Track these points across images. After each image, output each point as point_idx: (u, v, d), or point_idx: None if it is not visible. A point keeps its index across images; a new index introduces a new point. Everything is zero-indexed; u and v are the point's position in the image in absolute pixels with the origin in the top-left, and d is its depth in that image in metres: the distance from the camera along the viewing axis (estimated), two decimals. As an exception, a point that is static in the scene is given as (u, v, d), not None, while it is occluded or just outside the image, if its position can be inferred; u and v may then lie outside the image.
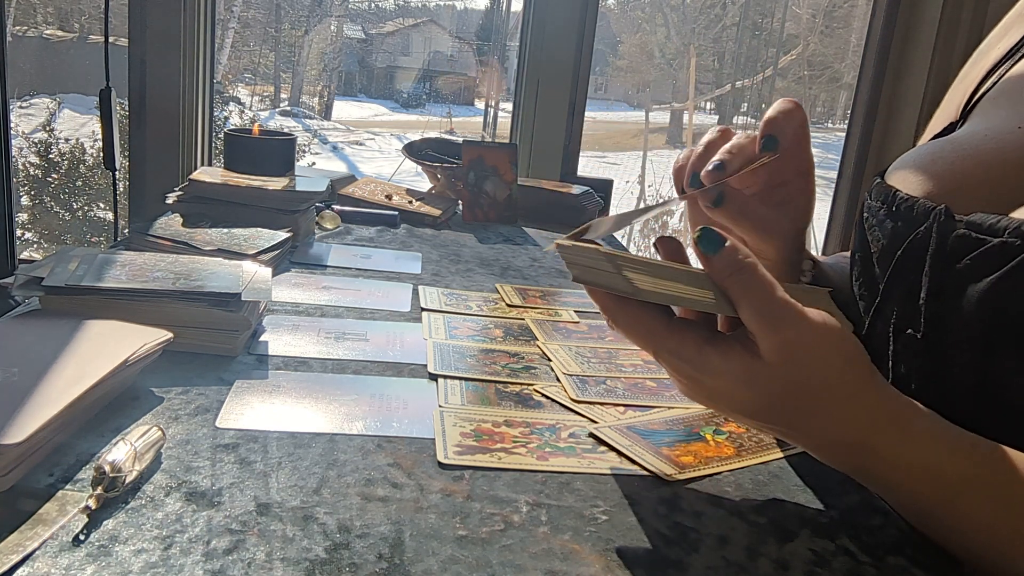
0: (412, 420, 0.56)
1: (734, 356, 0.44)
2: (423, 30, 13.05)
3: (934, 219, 0.51)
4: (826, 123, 11.34)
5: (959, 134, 0.59)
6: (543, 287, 0.96)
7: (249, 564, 0.39)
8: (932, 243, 0.51)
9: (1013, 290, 0.46)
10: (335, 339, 0.70)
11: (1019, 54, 0.60)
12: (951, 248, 0.50)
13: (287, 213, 0.99)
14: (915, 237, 0.53)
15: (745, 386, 0.45)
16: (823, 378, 0.45)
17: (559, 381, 0.66)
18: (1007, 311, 0.46)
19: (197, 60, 1.55)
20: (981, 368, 0.48)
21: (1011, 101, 0.57)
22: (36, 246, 5.76)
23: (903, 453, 0.45)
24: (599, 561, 0.42)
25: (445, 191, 1.42)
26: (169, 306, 0.63)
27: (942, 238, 0.50)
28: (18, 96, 7.76)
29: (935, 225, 0.51)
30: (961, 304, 0.49)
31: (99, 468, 0.43)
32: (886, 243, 0.56)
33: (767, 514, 0.49)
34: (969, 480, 0.44)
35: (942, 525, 0.46)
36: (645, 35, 10.88)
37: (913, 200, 0.54)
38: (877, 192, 0.59)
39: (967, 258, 0.49)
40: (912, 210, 0.54)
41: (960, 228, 0.50)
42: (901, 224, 0.55)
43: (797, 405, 0.45)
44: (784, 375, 0.44)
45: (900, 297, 0.54)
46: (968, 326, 0.48)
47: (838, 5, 9.88)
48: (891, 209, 0.56)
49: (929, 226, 0.52)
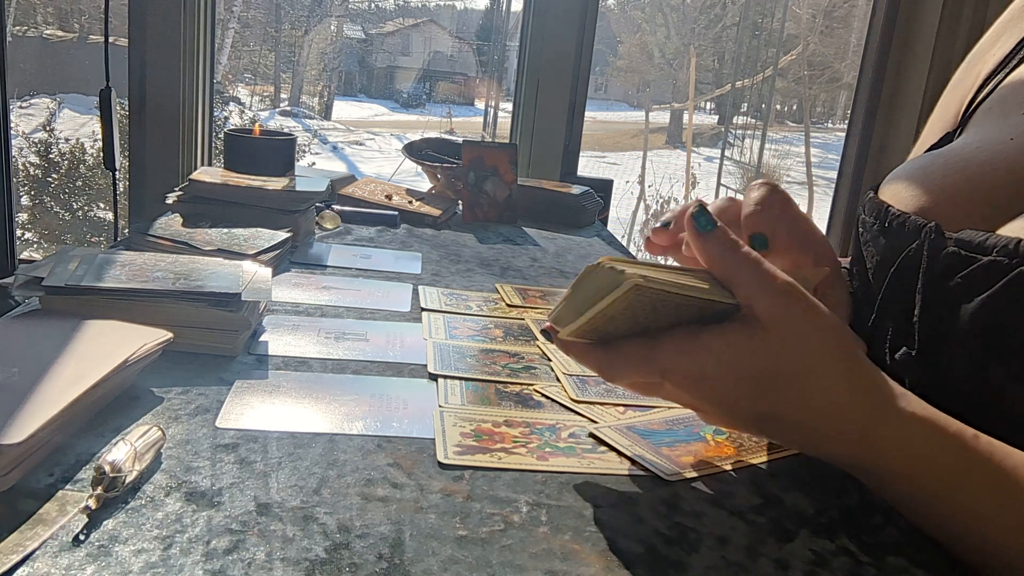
0: (412, 420, 0.56)
1: (731, 331, 0.44)
2: (423, 30, 13.06)
3: (925, 236, 0.52)
4: (826, 123, 11.34)
5: (952, 147, 0.59)
6: (543, 287, 0.96)
7: (249, 564, 0.39)
8: (924, 261, 0.51)
9: (1004, 307, 0.46)
10: (335, 339, 0.70)
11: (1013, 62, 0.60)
12: (943, 266, 0.50)
13: (287, 213, 0.99)
14: (908, 254, 0.53)
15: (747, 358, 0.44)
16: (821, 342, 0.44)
17: (559, 381, 0.66)
18: (1000, 327, 0.47)
19: (197, 60, 1.55)
20: (977, 380, 0.48)
21: (1004, 111, 0.57)
22: (36, 246, 5.77)
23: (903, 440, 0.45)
24: (599, 561, 0.42)
25: (445, 191, 1.42)
26: (169, 306, 0.63)
27: (933, 256, 0.51)
28: (18, 96, 7.76)
29: (926, 243, 0.51)
30: (955, 321, 0.49)
31: (99, 468, 0.43)
32: (880, 259, 0.56)
33: (767, 514, 0.49)
34: (970, 473, 0.44)
35: (941, 519, 0.46)
36: (645, 35, 10.88)
37: (904, 216, 0.54)
38: (870, 207, 0.59)
39: (958, 276, 0.49)
40: (904, 226, 0.54)
41: (950, 246, 0.50)
42: (894, 240, 0.55)
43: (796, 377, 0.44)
44: (781, 339, 0.44)
45: (896, 313, 0.54)
46: (963, 342, 0.49)
47: (838, 5, 9.88)
48: (884, 225, 0.56)
49: (920, 243, 0.52)
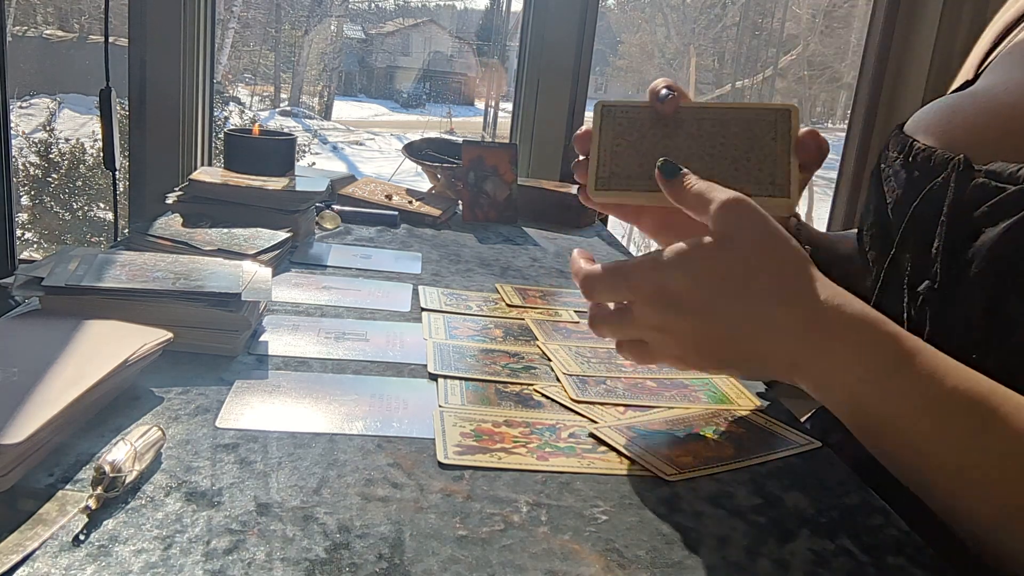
0: (412, 420, 0.56)
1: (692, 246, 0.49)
2: (423, 30, 13.04)
3: (952, 169, 0.51)
4: (826, 123, 11.32)
5: (977, 89, 0.59)
6: (543, 287, 0.96)
7: (249, 564, 0.39)
8: (950, 193, 0.51)
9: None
10: (335, 339, 0.70)
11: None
12: (969, 197, 0.49)
13: (287, 213, 0.99)
14: (932, 187, 0.52)
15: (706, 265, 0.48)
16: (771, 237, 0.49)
17: (559, 381, 0.66)
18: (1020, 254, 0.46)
19: (197, 60, 1.55)
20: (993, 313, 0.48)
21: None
22: (36, 246, 5.77)
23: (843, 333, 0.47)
24: (599, 561, 0.43)
25: (445, 191, 1.42)
26: (169, 306, 0.63)
27: (960, 188, 0.50)
28: (18, 96, 7.75)
29: (953, 175, 0.51)
30: (974, 252, 0.48)
31: (99, 468, 0.43)
32: (901, 192, 0.56)
33: (767, 514, 0.49)
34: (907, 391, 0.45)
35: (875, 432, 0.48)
36: (645, 35, 10.87)
37: (931, 150, 0.54)
38: (895, 142, 0.59)
39: (985, 206, 0.48)
40: (930, 160, 0.53)
41: (979, 177, 0.49)
42: (918, 174, 0.54)
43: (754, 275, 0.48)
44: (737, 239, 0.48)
45: (915, 248, 0.54)
46: (980, 273, 0.48)
47: (838, 5, 9.87)
48: (908, 159, 0.56)
49: (947, 176, 0.51)
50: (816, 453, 0.58)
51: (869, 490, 0.53)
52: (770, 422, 0.62)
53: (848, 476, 0.54)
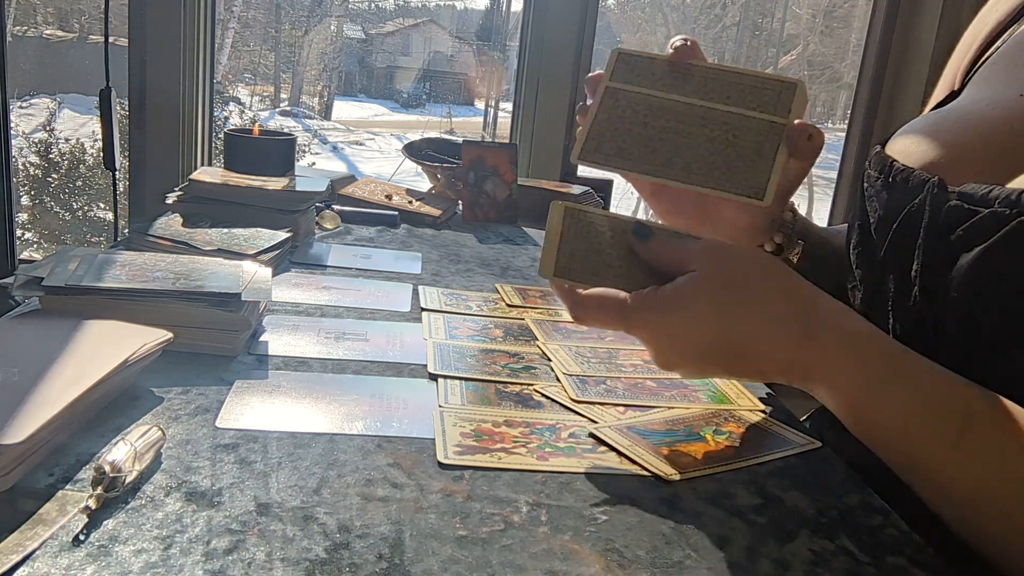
0: (412, 420, 0.56)
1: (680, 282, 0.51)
2: (423, 30, 13.04)
3: (928, 191, 0.51)
4: (826, 123, 11.32)
5: (961, 103, 0.59)
6: (543, 287, 0.96)
7: (249, 564, 0.39)
8: (926, 216, 0.51)
9: (1001, 259, 0.46)
10: (335, 339, 0.70)
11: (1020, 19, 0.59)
12: (944, 220, 0.50)
13: (287, 213, 0.99)
14: (911, 209, 0.52)
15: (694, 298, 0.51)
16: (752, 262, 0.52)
17: (559, 381, 0.66)
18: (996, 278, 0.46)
19: (197, 60, 1.55)
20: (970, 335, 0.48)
21: (1012, 67, 0.56)
22: (36, 246, 5.77)
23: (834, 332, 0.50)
24: (599, 561, 0.43)
25: (445, 191, 1.42)
26: (169, 306, 0.63)
27: (935, 210, 0.50)
28: (18, 96, 7.75)
29: (928, 197, 0.51)
30: (952, 275, 0.49)
31: (99, 468, 0.43)
32: (882, 214, 0.56)
33: (767, 514, 0.49)
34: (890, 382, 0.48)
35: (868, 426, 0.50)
36: (645, 35, 10.87)
37: (909, 171, 0.54)
38: (875, 161, 0.59)
39: (959, 229, 0.48)
40: (907, 181, 0.54)
41: (953, 199, 0.49)
42: (897, 195, 0.54)
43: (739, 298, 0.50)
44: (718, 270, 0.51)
45: (897, 270, 0.54)
46: (958, 296, 0.48)
47: (838, 5, 9.87)
48: (887, 180, 0.56)
49: (923, 198, 0.51)
50: (816, 453, 0.58)
51: (869, 490, 0.53)
52: (770, 422, 0.62)
53: (848, 476, 0.55)
